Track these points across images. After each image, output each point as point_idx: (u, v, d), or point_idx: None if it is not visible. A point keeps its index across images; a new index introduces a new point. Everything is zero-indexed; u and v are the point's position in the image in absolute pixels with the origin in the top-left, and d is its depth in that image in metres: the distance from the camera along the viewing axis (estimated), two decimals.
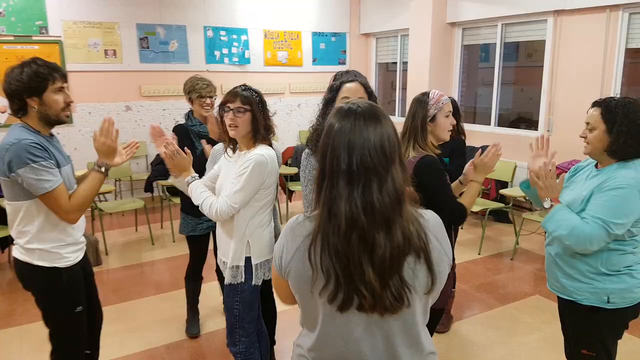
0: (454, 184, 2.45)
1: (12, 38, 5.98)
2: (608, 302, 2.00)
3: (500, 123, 6.56)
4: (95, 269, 2.68)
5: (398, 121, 4.97)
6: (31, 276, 2.21)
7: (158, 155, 6.18)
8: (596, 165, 2.10)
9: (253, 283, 2.27)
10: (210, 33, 7.08)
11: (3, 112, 6.05)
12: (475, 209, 5.04)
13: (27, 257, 2.17)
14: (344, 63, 8.22)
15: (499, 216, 5.89)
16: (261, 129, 2.21)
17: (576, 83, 5.40)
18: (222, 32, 7.17)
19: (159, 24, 6.76)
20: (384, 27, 7.82)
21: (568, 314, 2.18)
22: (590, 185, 2.01)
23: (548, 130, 5.62)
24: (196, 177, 2.31)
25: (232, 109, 2.19)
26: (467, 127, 6.95)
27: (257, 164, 2.13)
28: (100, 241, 5.08)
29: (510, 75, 7.13)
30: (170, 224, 5.73)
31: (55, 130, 2.29)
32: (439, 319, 2.55)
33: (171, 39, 6.85)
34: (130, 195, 6.67)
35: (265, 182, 2.19)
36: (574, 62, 5.45)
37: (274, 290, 1.39)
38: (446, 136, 2.38)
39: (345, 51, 8.24)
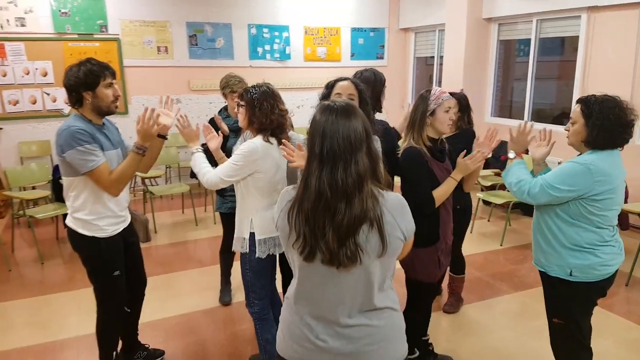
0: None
1: (76, 36, 6.61)
2: (571, 275, 2.26)
3: (542, 118, 6.62)
4: (144, 245, 3.12)
5: None
6: (76, 242, 2.63)
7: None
8: None
9: (257, 256, 2.57)
10: (253, 30, 7.51)
11: (67, 103, 6.70)
12: (500, 201, 5.23)
13: (74, 225, 2.59)
14: (382, 57, 8.47)
15: (528, 210, 6.01)
16: (255, 123, 2.48)
17: (608, 79, 5.46)
18: (265, 30, 7.58)
19: (206, 22, 7.24)
20: (422, 22, 8.01)
21: (542, 285, 2.44)
22: None
23: None
24: (200, 150, 2.64)
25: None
26: (501, 121, 7.11)
27: (248, 149, 2.43)
28: (150, 221, 5.62)
29: (555, 69, 7.14)
30: (212, 208, 6.22)
31: (113, 119, 2.71)
32: (428, 291, 2.81)
33: (218, 36, 7.33)
34: (178, 181, 7.19)
35: (258, 166, 2.47)
36: (606, 58, 5.50)
37: None
38: (445, 129, 2.63)
39: (383, 46, 8.49)
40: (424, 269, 2.65)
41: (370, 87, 2.89)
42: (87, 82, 2.44)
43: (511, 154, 2.53)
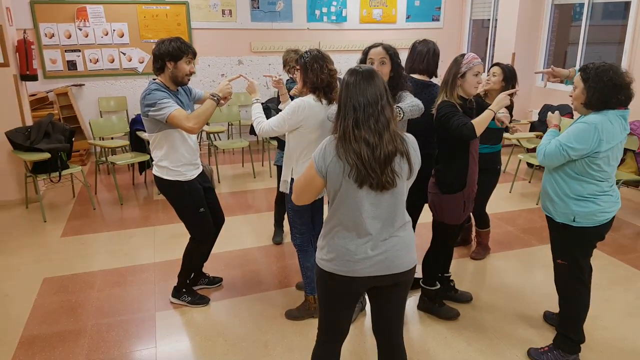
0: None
1: None
2: (574, 220, 2.57)
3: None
4: None
5: (484, 77, 5.44)
6: (163, 186, 3.21)
7: (262, 103, 7.16)
8: None
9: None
10: None
11: (141, 63, 7.36)
12: (538, 162, 5.43)
13: (159, 173, 3.15)
14: (437, 20, 8.56)
15: None
16: (307, 83, 2.84)
17: None
18: None
19: None
20: None
21: (549, 229, 2.77)
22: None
23: None
24: (260, 100, 3.06)
25: None
26: (551, 86, 7.12)
27: (296, 104, 2.80)
28: (214, 171, 6.22)
29: (617, 33, 7.04)
30: (269, 163, 6.77)
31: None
32: (451, 232, 3.16)
33: None
34: (239, 137, 7.76)
35: (302, 121, 2.80)
36: None
37: (298, 191, 2.10)
38: (473, 91, 2.94)
39: (439, 7, 8.55)
40: (450, 212, 3.03)
41: (422, 57, 3.32)
42: (173, 54, 2.95)
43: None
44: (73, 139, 5.59)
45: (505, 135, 6.12)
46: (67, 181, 5.88)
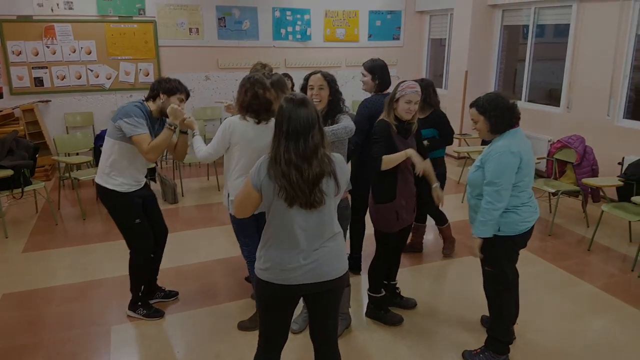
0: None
1: (117, 18, 7.32)
2: (499, 230, 2.80)
3: (551, 98, 6.85)
4: (172, 207, 3.75)
5: (442, 93, 5.73)
6: (102, 194, 3.37)
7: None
8: None
9: (230, 212, 3.16)
10: (277, 13, 8.06)
11: (109, 79, 7.47)
12: None
13: (100, 180, 3.33)
14: (398, 38, 8.88)
15: None
16: (238, 105, 3.04)
17: (593, 65, 5.85)
18: (288, 12, 8.12)
19: (234, 5, 7.83)
20: (437, 5, 8.38)
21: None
22: (482, 154, 2.84)
23: (567, 107, 6.07)
24: (197, 133, 3.26)
25: None
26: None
27: (222, 126, 3.03)
28: (178, 185, 6.34)
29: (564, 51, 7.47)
30: None
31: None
32: (388, 240, 3.33)
33: (244, 18, 7.91)
34: None
35: (231, 139, 3.00)
36: (592, 46, 5.88)
37: (237, 205, 2.28)
38: (404, 116, 3.14)
39: (399, 27, 8.88)
40: (384, 220, 3.26)
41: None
42: (169, 88, 3.26)
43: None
44: (37, 155, 5.66)
45: (458, 149, 6.44)
46: (30, 197, 5.93)
